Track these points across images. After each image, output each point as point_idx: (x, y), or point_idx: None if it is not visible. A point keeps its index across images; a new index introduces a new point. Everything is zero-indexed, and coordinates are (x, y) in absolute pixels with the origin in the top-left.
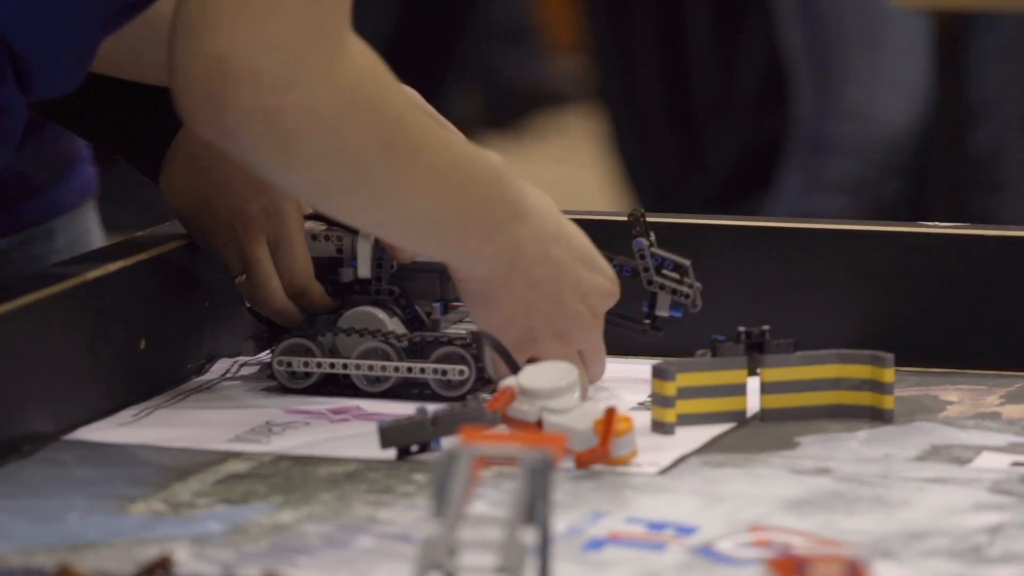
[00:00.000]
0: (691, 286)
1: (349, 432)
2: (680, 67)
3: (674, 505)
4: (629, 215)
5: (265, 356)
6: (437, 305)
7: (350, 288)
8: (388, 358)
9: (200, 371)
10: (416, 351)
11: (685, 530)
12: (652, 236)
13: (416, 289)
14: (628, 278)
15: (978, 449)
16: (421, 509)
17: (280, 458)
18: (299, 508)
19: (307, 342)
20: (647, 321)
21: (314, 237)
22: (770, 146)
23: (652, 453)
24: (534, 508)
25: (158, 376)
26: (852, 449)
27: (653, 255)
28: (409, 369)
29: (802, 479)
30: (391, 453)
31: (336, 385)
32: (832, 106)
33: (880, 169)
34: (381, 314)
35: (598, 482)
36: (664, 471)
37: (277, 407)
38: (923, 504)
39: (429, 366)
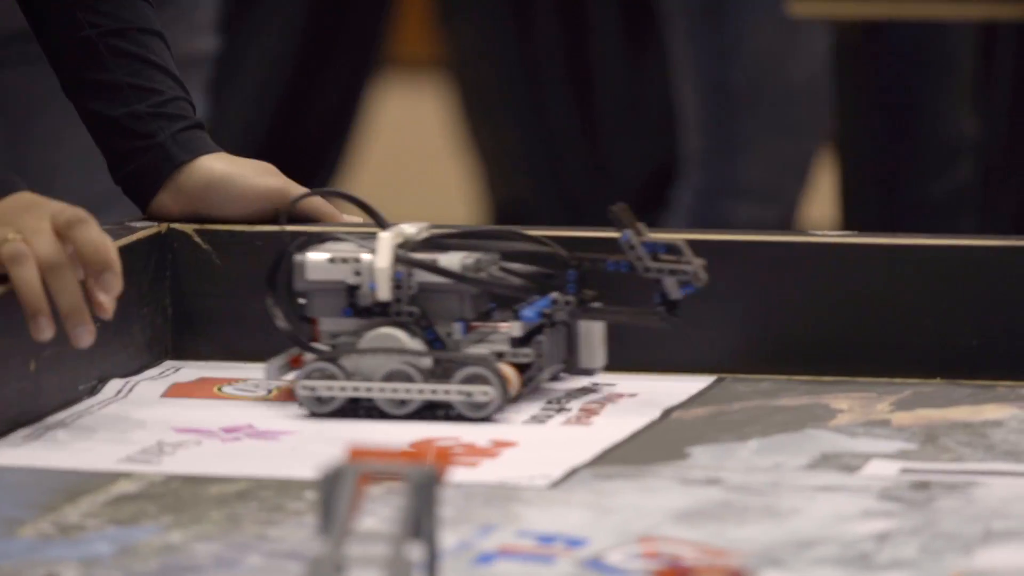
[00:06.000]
0: (690, 262)
1: (241, 450)
2: (586, 81)
3: (564, 518)
4: (610, 212)
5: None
6: (458, 325)
7: (370, 311)
8: (411, 380)
9: (92, 392)
10: (439, 372)
11: (575, 542)
12: (640, 225)
13: (436, 310)
14: (628, 274)
15: (867, 457)
16: (311, 527)
17: (171, 478)
18: (189, 528)
19: (330, 366)
20: (660, 308)
21: (331, 260)
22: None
23: (543, 466)
24: (420, 523)
25: (49, 398)
26: (743, 459)
27: (644, 243)
28: (433, 391)
29: (692, 489)
30: (282, 471)
31: (361, 408)
32: None
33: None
34: (402, 335)
35: (489, 496)
36: (555, 484)
37: (169, 427)
38: (812, 512)
39: (454, 387)
